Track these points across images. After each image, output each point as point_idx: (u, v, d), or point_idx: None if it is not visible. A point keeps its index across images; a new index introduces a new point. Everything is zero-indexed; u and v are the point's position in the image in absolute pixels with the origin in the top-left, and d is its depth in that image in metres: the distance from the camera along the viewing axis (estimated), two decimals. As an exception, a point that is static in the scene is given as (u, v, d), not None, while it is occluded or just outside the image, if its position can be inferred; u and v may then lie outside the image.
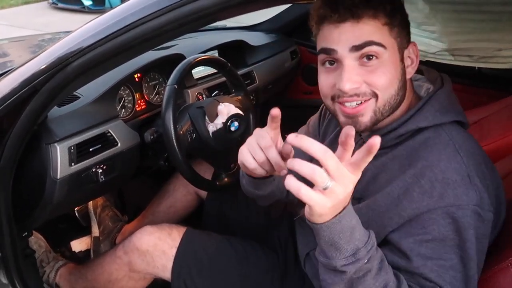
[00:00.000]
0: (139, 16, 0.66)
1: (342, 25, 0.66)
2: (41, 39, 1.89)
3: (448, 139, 0.67)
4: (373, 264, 0.59)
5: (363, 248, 0.57)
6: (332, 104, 0.72)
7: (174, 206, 1.32)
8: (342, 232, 0.56)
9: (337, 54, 0.67)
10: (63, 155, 0.94)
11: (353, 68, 0.66)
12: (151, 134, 1.11)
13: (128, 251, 0.99)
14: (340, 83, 0.67)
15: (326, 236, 0.57)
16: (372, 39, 0.65)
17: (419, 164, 0.66)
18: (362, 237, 0.58)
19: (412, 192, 0.65)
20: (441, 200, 0.62)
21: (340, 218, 0.56)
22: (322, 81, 0.72)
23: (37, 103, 0.77)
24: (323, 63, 0.71)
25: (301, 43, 1.87)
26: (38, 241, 1.28)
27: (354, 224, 0.57)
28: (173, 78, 1.05)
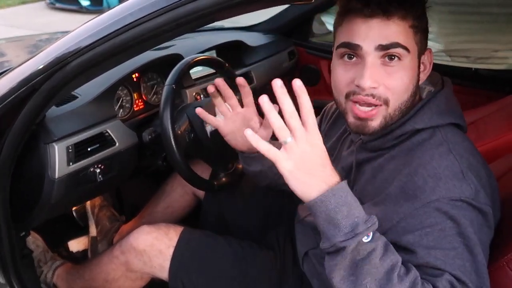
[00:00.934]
0: (138, 16, 0.66)
1: (371, 21, 0.65)
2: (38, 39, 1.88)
3: (443, 139, 0.68)
4: (377, 243, 0.58)
5: (363, 224, 0.57)
6: (344, 102, 0.71)
7: (172, 206, 1.32)
8: (338, 207, 0.57)
9: (361, 50, 0.66)
10: (61, 154, 0.94)
11: (375, 66, 0.66)
12: (149, 134, 1.11)
13: (125, 250, 0.99)
14: (360, 80, 0.66)
15: (322, 213, 0.57)
16: (399, 41, 0.65)
17: (414, 163, 0.67)
18: (361, 215, 0.58)
19: (408, 190, 0.65)
20: (433, 194, 0.63)
21: (333, 191, 0.57)
22: (338, 75, 0.71)
23: (35, 102, 0.77)
24: (341, 56, 0.70)
25: (299, 44, 1.87)
26: (35, 241, 1.28)
27: (350, 200, 0.58)
28: (171, 78, 1.05)
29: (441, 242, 0.61)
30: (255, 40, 1.73)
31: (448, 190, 0.62)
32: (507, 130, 1.12)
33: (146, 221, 1.34)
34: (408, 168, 0.67)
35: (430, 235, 0.62)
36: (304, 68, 1.89)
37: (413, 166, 0.67)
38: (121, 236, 1.38)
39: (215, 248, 0.98)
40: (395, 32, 0.65)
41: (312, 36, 1.91)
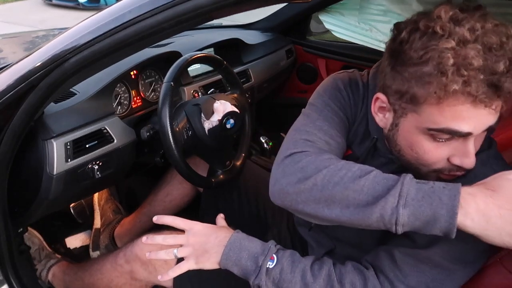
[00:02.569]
0: (137, 14, 0.66)
1: (481, 106, 0.56)
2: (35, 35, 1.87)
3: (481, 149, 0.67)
4: (282, 262, 0.68)
5: (261, 255, 0.69)
6: (428, 171, 0.66)
7: (171, 194, 1.32)
8: (238, 255, 0.71)
9: (470, 135, 0.59)
10: (60, 151, 0.94)
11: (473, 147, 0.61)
12: (147, 131, 1.12)
13: (130, 260, 0.99)
14: (465, 160, 0.61)
15: (233, 266, 0.71)
16: (493, 125, 0.60)
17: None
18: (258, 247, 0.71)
19: None
20: None
21: (229, 247, 0.72)
22: (429, 153, 0.63)
23: (34, 99, 0.77)
24: (434, 136, 0.61)
25: (297, 42, 1.88)
26: (31, 238, 1.28)
27: (245, 244, 0.72)
28: (170, 75, 1.06)
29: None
30: (253, 38, 1.74)
31: None
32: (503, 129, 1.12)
33: (146, 210, 1.35)
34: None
35: None
36: (301, 66, 1.90)
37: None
38: (122, 228, 1.39)
39: None
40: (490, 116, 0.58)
41: (309, 34, 1.92)
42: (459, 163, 0.61)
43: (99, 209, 1.42)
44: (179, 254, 0.76)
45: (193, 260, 0.75)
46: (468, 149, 0.60)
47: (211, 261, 0.74)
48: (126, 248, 1.01)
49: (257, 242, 0.72)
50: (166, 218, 0.79)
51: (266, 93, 1.76)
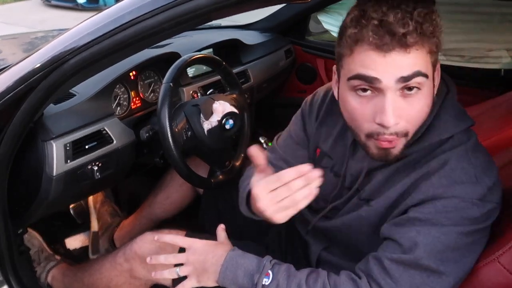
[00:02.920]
0: (136, 15, 0.67)
1: (390, 53, 0.59)
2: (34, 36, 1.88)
3: (459, 142, 0.69)
4: (278, 278, 0.71)
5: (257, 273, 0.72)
6: (365, 139, 0.68)
7: (171, 196, 1.32)
8: (235, 273, 0.74)
9: (380, 84, 0.61)
10: (59, 152, 0.94)
11: (396, 100, 0.62)
12: (146, 132, 1.12)
13: (129, 258, 0.98)
14: (382, 117, 0.62)
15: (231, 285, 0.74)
16: (419, 69, 0.60)
17: (432, 164, 0.68)
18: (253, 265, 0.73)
19: (419, 185, 0.67)
20: (446, 192, 0.65)
21: (225, 267, 0.75)
22: (355, 111, 0.66)
23: (33, 100, 0.77)
24: (354, 89, 0.64)
25: (296, 42, 1.88)
26: (31, 239, 1.28)
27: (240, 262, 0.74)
28: (169, 76, 1.06)
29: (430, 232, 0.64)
30: (252, 39, 1.74)
31: (460, 192, 0.64)
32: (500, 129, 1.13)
33: (146, 213, 1.35)
34: (427, 167, 0.68)
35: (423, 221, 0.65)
36: (300, 67, 1.90)
37: (430, 166, 0.68)
38: (121, 231, 1.39)
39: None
40: (416, 60, 0.60)
41: (308, 34, 1.92)
42: (379, 121, 0.63)
43: (95, 213, 1.42)
44: (181, 273, 0.79)
45: (195, 278, 0.78)
46: (385, 104, 0.61)
47: (211, 280, 0.77)
48: (125, 246, 1.01)
49: (252, 259, 0.75)
50: (166, 238, 0.84)
51: (265, 93, 1.76)
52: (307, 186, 0.64)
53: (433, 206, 0.65)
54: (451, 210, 0.64)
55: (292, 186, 0.64)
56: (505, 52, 1.42)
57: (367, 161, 0.75)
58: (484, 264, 0.64)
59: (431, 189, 0.66)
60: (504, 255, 0.62)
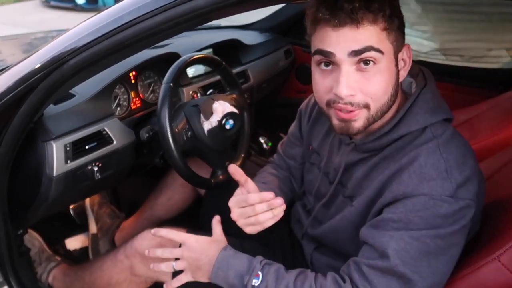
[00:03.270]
0: (136, 15, 0.67)
1: (341, 29, 0.65)
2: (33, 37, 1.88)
3: (432, 136, 0.69)
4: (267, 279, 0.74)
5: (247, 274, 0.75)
6: (326, 108, 0.72)
7: (173, 198, 1.32)
8: (226, 273, 0.77)
9: (335, 57, 0.66)
10: (59, 152, 0.94)
11: (350, 73, 0.66)
12: (146, 132, 1.12)
13: (129, 255, 0.99)
14: (336, 88, 0.66)
15: (222, 283, 0.78)
16: (371, 44, 0.65)
17: (403, 161, 0.69)
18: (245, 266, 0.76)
19: (392, 182, 0.69)
20: (416, 190, 0.65)
21: (216, 267, 0.78)
22: (317, 83, 0.72)
23: (33, 100, 0.77)
24: (318, 63, 0.70)
25: (295, 42, 1.88)
26: (31, 240, 1.28)
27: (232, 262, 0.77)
28: (169, 76, 1.06)
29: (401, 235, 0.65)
30: (252, 39, 1.74)
31: (430, 188, 0.65)
32: (500, 128, 1.13)
33: (147, 215, 1.34)
34: (397, 164, 0.69)
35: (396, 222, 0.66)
36: (300, 67, 1.90)
37: (402, 163, 0.69)
38: (122, 232, 1.38)
39: None
40: (366, 36, 0.65)
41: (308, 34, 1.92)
42: (334, 91, 0.68)
43: (93, 215, 1.41)
44: (177, 267, 0.82)
45: (190, 273, 0.82)
46: (339, 76, 0.66)
47: (205, 277, 0.81)
48: (126, 244, 1.01)
49: (243, 259, 0.78)
50: (161, 232, 0.85)
51: (265, 93, 1.76)
52: (270, 211, 0.74)
53: (404, 206, 0.66)
54: (420, 208, 0.65)
55: (257, 209, 0.74)
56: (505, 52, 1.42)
57: (345, 154, 0.80)
58: (485, 263, 0.64)
59: (401, 188, 0.67)
60: (505, 254, 0.62)
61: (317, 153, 0.92)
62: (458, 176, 0.65)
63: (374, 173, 0.74)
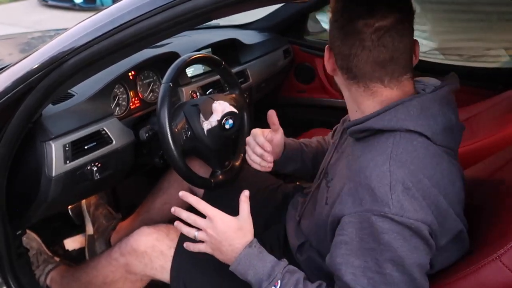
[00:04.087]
0: (135, 15, 0.67)
1: None
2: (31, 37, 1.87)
3: (391, 146, 0.67)
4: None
5: (266, 281, 0.73)
6: None
7: (169, 202, 1.32)
8: (246, 271, 0.76)
9: None
10: (58, 152, 0.94)
11: None
12: (146, 132, 1.11)
13: (125, 252, 0.98)
14: None
15: (240, 275, 0.77)
16: None
17: (357, 164, 0.69)
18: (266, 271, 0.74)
19: (342, 194, 0.69)
20: (359, 205, 0.65)
21: (238, 261, 0.77)
22: None
23: (32, 100, 0.77)
24: None
25: (294, 42, 1.88)
26: (29, 242, 1.27)
27: (255, 263, 0.75)
28: (168, 76, 1.05)
29: (355, 255, 0.65)
30: (251, 38, 1.74)
31: (373, 203, 0.64)
32: (499, 127, 1.14)
33: (143, 218, 1.34)
34: (354, 165, 0.70)
35: (347, 245, 0.66)
36: (299, 66, 1.90)
37: (356, 167, 0.69)
38: (118, 234, 1.38)
39: None
40: None
41: (307, 34, 1.92)
42: None
43: (90, 216, 1.41)
44: (198, 238, 0.80)
45: (210, 249, 0.80)
46: None
47: (224, 260, 0.80)
48: (121, 242, 1.01)
49: (266, 264, 0.75)
50: (190, 198, 0.82)
51: (264, 93, 1.76)
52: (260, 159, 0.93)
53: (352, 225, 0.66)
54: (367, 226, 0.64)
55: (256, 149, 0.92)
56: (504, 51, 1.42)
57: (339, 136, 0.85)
58: (486, 263, 0.64)
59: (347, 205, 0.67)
60: (506, 253, 0.62)
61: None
62: (400, 194, 0.63)
63: (341, 162, 0.77)
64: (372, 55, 0.68)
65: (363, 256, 0.65)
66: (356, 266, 0.65)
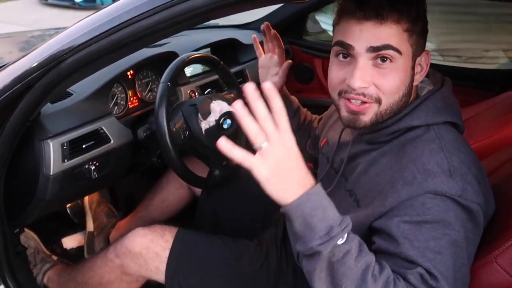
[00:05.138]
0: (133, 15, 0.67)
1: (364, 23, 0.66)
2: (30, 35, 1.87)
3: (435, 137, 0.69)
4: (351, 245, 0.59)
5: (337, 227, 0.58)
6: (337, 98, 0.74)
7: (167, 200, 1.32)
8: (313, 211, 0.57)
9: (353, 50, 0.68)
10: (56, 151, 0.94)
11: (366, 67, 0.68)
12: (144, 131, 1.12)
13: (120, 254, 0.98)
14: (350, 80, 0.68)
15: (299, 217, 0.58)
16: (391, 43, 0.66)
17: (405, 159, 0.69)
18: (336, 217, 0.59)
19: (397, 184, 0.67)
20: (420, 188, 0.64)
21: (308, 196, 0.57)
22: (333, 73, 0.74)
23: (30, 99, 0.77)
24: (336, 54, 0.72)
25: (293, 42, 1.88)
26: (27, 241, 1.27)
27: (325, 203, 0.58)
28: (167, 75, 1.06)
29: (421, 235, 0.62)
30: (250, 38, 1.72)
31: (435, 186, 0.64)
32: (497, 128, 1.14)
33: (141, 215, 1.34)
34: (400, 163, 0.69)
35: (410, 224, 0.63)
36: (298, 67, 1.90)
37: (404, 161, 0.68)
38: (117, 231, 1.38)
39: (211, 248, 0.98)
40: (388, 34, 0.66)
41: (306, 34, 1.92)
42: (347, 82, 0.69)
43: (91, 213, 1.41)
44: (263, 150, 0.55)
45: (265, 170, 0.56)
46: (355, 68, 0.68)
47: (281, 195, 0.58)
48: (116, 243, 1.01)
49: (334, 208, 0.60)
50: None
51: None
52: None
53: (413, 209, 0.64)
54: (431, 206, 0.63)
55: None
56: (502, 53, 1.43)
57: (350, 145, 0.81)
58: (481, 264, 0.64)
59: (405, 189, 0.65)
60: (502, 255, 0.62)
61: (327, 143, 0.94)
62: (460, 178, 0.64)
63: (373, 168, 0.73)
64: None
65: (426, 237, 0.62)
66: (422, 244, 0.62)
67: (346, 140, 0.85)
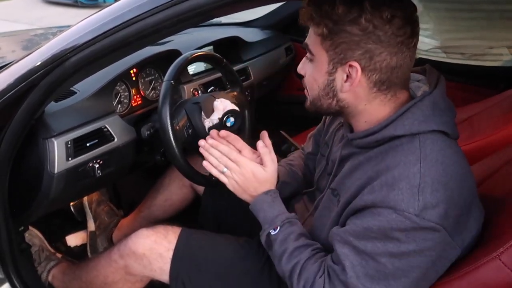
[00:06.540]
0: (137, 13, 0.67)
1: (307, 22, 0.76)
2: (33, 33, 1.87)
3: (418, 147, 0.67)
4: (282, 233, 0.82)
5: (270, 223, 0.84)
6: None
7: (170, 199, 1.32)
8: (256, 213, 0.87)
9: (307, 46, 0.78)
10: (60, 150, 0.94)
11: (304, 59, 0.79)
12: (147, 130, 1.12)
13: (124, 255, 0.98)
14: None
15: (254, 214, 0.87)
16: (307, 42, 0.76)
17: (381, 167, 0.69)
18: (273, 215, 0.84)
19: (364, 189, 0.69)
20: (381, 201, 0.66)
21: (254, 203, 0.87)
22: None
23: (34, 98, 0.77)
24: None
25: (296, 40, 1.88)
26: (32, 238, 1.28)
27: (265, 208, 0.85)
28: (170, 73, 1.06)
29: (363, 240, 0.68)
30: (252, 36, 1.73)
31: (396, 202, 0.64)
32: (501, 126, 1.13)
33: (144, 215, 1.34)
34: (376, 170, 0.70)
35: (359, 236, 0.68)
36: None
37: (380, 169, 0.69)
38: (120, 231, 1.39)
39: (214, 247, 0.98)
40: (310, 34, 0.75)
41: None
42: None
43: (91, 212, 1.41)
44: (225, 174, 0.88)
45: (231, 186, 0.88)
46: None
47: (244, 199, 0.89)
48: (120, 243, 1.01)
49: (274, 210, 0.85)
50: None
51: (266, 91, 1.76)
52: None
53: (370, 214, 0.67)
54: (382, 220, 0.65)
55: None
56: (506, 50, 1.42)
57: (341, 148, 0.84)
58: (486, 262, 0.64)
59: (371, 196, 0.67)
60: (506, 252, 0.62)
61: (327, 145, 0.94)
62: (428, 196, 0.63)
63: (357, 172, 0.74)
64: (411, 62, 0.71)
65: (369, 255, 0.67)
66: (360, 262, 0.68)
67: (338, 143, 0.87)
